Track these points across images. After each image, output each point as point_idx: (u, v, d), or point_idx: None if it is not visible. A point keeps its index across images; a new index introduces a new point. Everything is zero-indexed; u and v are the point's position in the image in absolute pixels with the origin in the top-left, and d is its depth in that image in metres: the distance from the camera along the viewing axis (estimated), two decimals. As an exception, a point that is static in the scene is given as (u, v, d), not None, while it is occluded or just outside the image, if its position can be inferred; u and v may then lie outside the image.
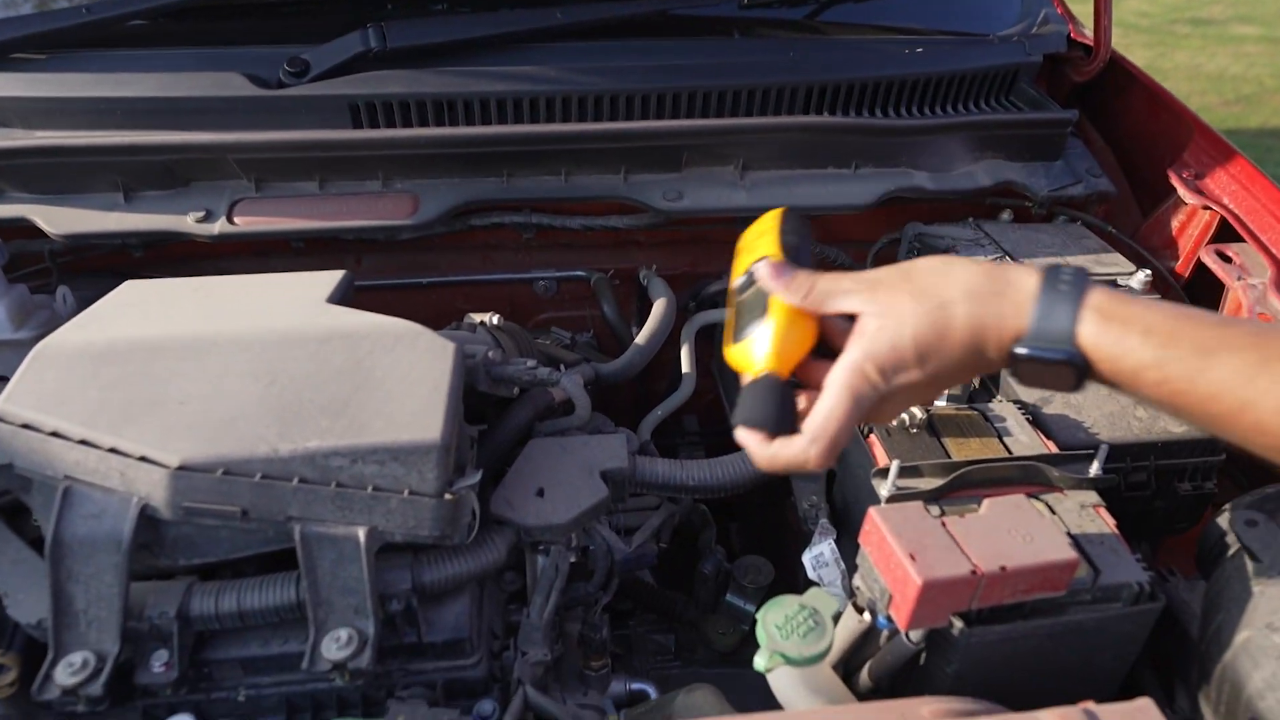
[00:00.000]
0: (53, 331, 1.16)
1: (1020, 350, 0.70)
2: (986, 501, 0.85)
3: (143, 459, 0.81)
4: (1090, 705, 0.73)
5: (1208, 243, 1.21)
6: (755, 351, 0.81)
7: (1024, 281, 0.71)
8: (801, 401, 0.79)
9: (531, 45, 1.26)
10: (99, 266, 1.31)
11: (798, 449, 0.76)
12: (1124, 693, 0.83)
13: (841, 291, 0.77)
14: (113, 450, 0.81)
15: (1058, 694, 0.76)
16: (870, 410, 0.76)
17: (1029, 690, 0.84)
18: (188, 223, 1.17)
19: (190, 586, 0.85)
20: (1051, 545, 0.80)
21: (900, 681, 0.90)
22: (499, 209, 1.27)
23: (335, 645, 0.81)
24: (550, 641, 0.94)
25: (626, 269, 1.45)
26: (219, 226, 1.17)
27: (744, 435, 0.79)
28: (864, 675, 0.90)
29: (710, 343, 1.55)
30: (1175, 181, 1.25)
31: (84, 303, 1.22)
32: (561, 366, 1.19)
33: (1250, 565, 0.88)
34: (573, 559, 1.01)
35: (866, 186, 1.29)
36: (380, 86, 1.18)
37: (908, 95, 1.35)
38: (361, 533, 0.82)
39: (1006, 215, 1.39)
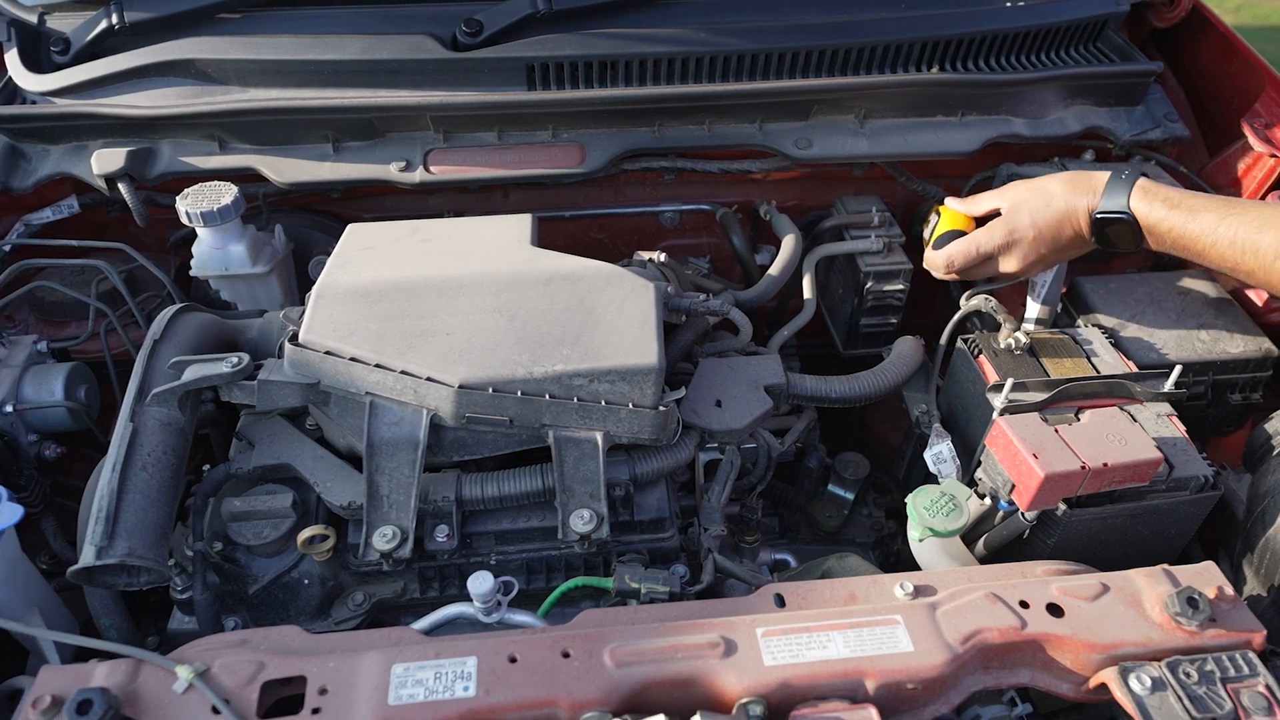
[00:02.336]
0: (275, 264, 1.39)
1: (1097, 215, 1.13)
2: (1088, 412, 1.07)
3: (429, 379, 1.03)
4: (1167, 566, 0.97)
5: (1269, 188, 1.38)
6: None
7: (1098, 176, 1.15)
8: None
9: (679, 2, 1.41)
10: (299, 204, 1.50)
11: (932, 257, 1.29)
12: (1178, 561, 1.02)
13: (983, 199, 1.27)
14: (404, 373, 1.03)
15: (1130, 561, 0.99)
16: (1002, 257, 1.22)
17: (1108, 558, 1.07)
18: (391, 172, 1.36)
19: (459, 477, 1.09)
20: (1141, 447, 1.02)
21: (1007, 550, 1.14)
22: (649, 155, 1.45)
23: (580, 521, 1.05)
24: (723, 520, 1.18)
25: (742, 203, 1.63)
26: (419, 175, 1.35)
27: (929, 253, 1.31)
28: (979, 546, 1.15)
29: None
30: (1246, 129, 1.40)
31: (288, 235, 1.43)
32: (709, 294, 1.39)
33: (1292, 462, 1.10)
34: (730, 456, 1.24)
35: (971, 133, 1.46)
36: (552, 49, 1.34)
37: (1008, 46, 1.49)
38: (599, 436, 1.05)
39: (1089, 155, 1.56)
